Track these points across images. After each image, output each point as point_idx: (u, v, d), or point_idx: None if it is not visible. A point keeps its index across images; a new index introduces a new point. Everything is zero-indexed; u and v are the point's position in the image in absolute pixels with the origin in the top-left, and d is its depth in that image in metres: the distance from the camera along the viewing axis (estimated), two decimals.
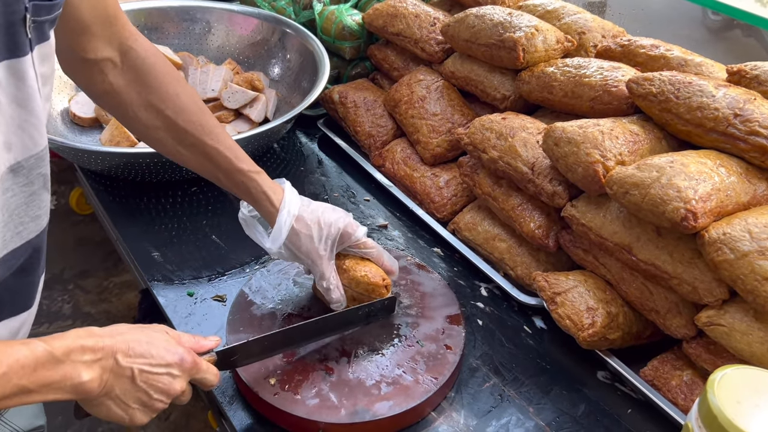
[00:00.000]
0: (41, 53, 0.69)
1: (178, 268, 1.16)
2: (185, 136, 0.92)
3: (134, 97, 0.91)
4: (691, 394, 0.91)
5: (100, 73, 0.89)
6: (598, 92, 1.10)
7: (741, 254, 0.82)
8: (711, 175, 0.88)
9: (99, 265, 2.50)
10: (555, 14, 1.33)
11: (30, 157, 0.70)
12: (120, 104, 0.92)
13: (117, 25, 0.88)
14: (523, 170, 1.09)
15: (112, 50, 0.89)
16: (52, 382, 0.65)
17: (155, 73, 0.91)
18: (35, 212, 0.74)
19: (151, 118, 0.92)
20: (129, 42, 0.90)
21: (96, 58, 0.88)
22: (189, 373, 0.77)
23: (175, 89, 0.92)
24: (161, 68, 0.92)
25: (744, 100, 0.93)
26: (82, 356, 0.67)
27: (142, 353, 0.72)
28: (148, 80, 0.91)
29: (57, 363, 0.66)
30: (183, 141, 0.93)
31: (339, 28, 1.58)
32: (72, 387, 0.67)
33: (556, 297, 1.01)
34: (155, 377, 0.73)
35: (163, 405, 0.75)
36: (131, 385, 0.72)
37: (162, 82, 0.92)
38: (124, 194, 1.34)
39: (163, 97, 0.91)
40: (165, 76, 0.92)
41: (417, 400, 0.90)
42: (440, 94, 1.37)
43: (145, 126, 0.93)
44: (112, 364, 0.70)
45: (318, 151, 1.52)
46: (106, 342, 0.70)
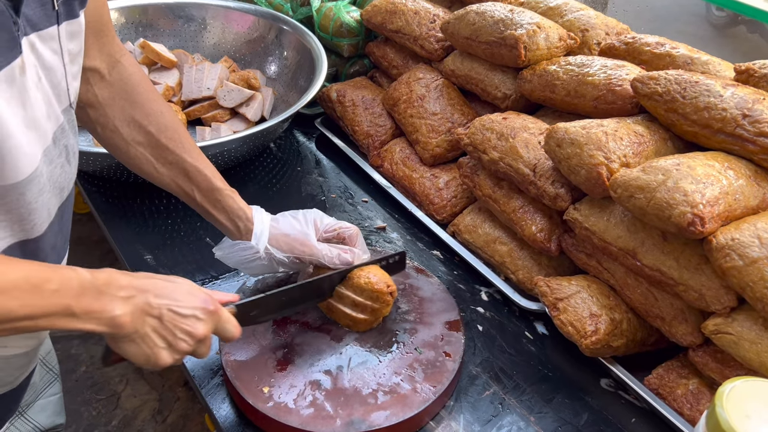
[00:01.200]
0: (69, 30, 0.73)
1: (171, 272, 1.14)
2: (166, 153, 0.93)
3: (117, 112, 0.92)
4: (697, 404, 0.88)
5: (86, 83, 0.89)
6: (602, 91, 1.07)
7: (750, 261, 0.79)
8: (719, 178, 0.85)
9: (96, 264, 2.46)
10: (557, 11, 1.30)
11: (57, 128, 0.74)
12: (101, 117, 0.92)
13: (108, 35, 0.90)
14: (525, 172, 1.07)
15: (101, 61, 0.90)
16: (93, 311, 0.68)
17: (140, 89, 0.93)
18: (62, 183, 0.78)
19: (132, 134, 0.93)
20: (117, 56, 0.92)
21: (85, 66, 0.87)
22: (212, 319, 0.80)
23: (159, 107, 0.94)
24: (146, 86, 0.94)
25: (753, 100, 0.90)
26: (119, 291, 0.71)
27: (170, 295, 0.76)
28: (133, 96, 0.92)
29: (99, 293, 0.69)
30: (163, 158, 0.94)
31: (337, 25, 1.55)
32: (108, 319, 0.70)
33: (559, 303, 0.98)
34: (181, 319, 0.76)
35: (186, 346, 0.77)
36: (159, 324, 0.75)
37: (147, 99, 0.93)
38: (116, 195, 1.31)
39: (147, 113, 0.93)
40: (149, 93, 0.94)
41: (415, 409, 0.88)
42: (440, 93, 1.35)
43: (125, 142, 0.93)
44: (143, 303, 0.73)
45: (315, 151, 1.50)
46: (139, 282, 0.74)
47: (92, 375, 2.07)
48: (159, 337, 0.75)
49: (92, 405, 1.98)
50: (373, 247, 1.17)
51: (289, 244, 0.97)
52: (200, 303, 0.78)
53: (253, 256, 0.96)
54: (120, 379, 2.06)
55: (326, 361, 0.94)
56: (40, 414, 1.04)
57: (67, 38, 0.73)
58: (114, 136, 0.93)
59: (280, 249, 0.97)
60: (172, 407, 1.99)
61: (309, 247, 0.96)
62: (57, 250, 0.82)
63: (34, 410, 1.03)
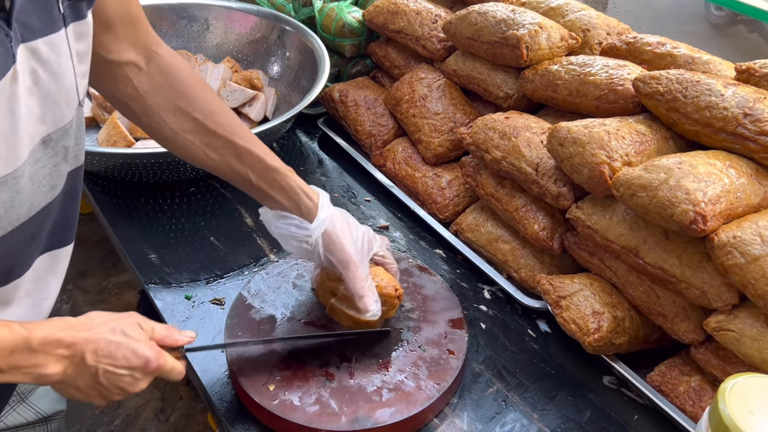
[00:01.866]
0: (76, 31, 0.73)
1: (175, 271, 1.14)
2: (215, 138, 0.91)
3: (161, 102, 0.90)
4: (700, 401, 0.89)
5: (125, 78, 0.89)
6: (604, 91, 1.08)
7: (752, 258, 0.80)
8: (720, 177, 0.86)
9: (98, 264, 2.49)
10: (559, 11, 1.31)
11: (58, 130, 0.74)
12: (146, 110, 0.91)
13: (140, 28, 0.88)
14: (527, 171, 1.07)
15: (136, 53, 0.89)
16: (21, 367, 0.69)
17: (182, 77, 0.91)
18: (54, 181, 0.78)
19: (179, 123, 0.91)
20: (153, 47, 0.90)
21: (120, 60, 0.87)
22: (151, 375, 0.79)
23: (203, 92, 0.92)
24: (187, 72, 0.92)
25: (754, 99, 0.90)
26: (56, 350, 0.71)
27: (109, 354, 0.74)
28: (175, 84, 0.91)
29: (31, 352, 0.69)
30: (213, 143, 0.91)
31: (339, 26, 1.55)
32: (37, 375, 0.70)
33: (561, 301, 0.99)
34: (118, 378, 0.75)
35: (119, 398, 0.78)
36: (93, 380, 0.74)
37: (189, 86, 0.91)
38: (121, 195, 1.32)
39: (192, 100, 0.90)
40: (191, 79, 0.92)
41: (419, 406, 0.88)
42: (442, 93, 1.35)
43: (173, 131, 0.91)
44: (79, 360, 0.73)
45: (318, 151, 1.50)
46: (80, 337, 0.73)
47: None
48: (92, 389, 0.75)
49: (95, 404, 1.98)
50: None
51: (339, 248, 0.92)
52: (140, 363, 0.76)
53: (302, 237, 0.91)
54: None
55: (331, 358, 0.94)
56: (42, 400, 1.05)
57: (75, 39, 0.73)
58: (161, 127, 0.92)
59: (328, 246, 0.92)
60: (175, 406, 2.00)
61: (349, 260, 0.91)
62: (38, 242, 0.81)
63: (35, 396, 1.05)
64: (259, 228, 1.25)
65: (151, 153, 1.19)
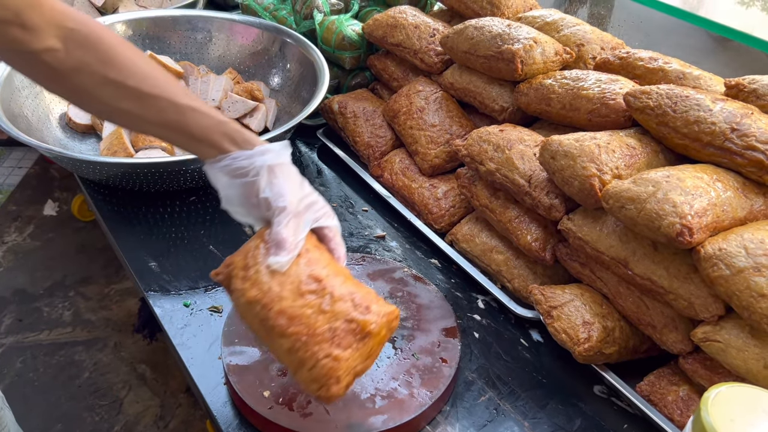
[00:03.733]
0: None
1: (174, 279, 1.16)
2: (153, 100, 0.83)
3: (88, 76, 0.82)
4: (688, 410, 0.91)
5: (44, 65, 0.80)
6: (596, 105, 1.10)
7: (737, 270, 0.82)
8: (707, 190, 0.88)
9: (100, 271, 2.51)
10: (554, 26, 1.33)
11: None
12: (75, 89, 0.83)
13: (44, 7, 0.79)
14: (520, 183, 1.09)
15: (49, 36, 0.79)
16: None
17: (103, 46, 0.82)
18: None
19: (113, 94, 0.83)
20: (65, 23, 0.80)
21: (37, 48, 0.79)
22: None
23: (131, 58, 0.83)
24: (109, 38, 0.83)
25: (741, 115, 0.92)
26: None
27: None
28: (98, 54, 0.81)
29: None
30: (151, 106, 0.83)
31: (339, 38, 1.58)
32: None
33: (553, 311, 1.00)
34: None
35: None
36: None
37: (115, 54, 0.82)
38: (122, 203, 1.34)
39: (121, 68, 0.82)
40: (116, 46, 0.83)
41: (412, 413, 0.90)
42: (439, 105, 1.38)
43: (107, 105, 0.84)
44: None
45: (317, 161, 1.53)
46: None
47: (95, 381, 2.09)
48: None
49: (95, 411, 2.00)
50: (372, 255, 1.20)
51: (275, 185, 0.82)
52: None
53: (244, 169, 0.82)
54: (123, 385, 2.08)
55: None
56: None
57: None
58: (96, 104, 0.85)
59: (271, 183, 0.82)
60: (174, 413, 2.01)
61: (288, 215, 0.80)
62: None
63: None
64: None
65: (153, 163, 1.21)
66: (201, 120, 0.83)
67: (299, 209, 0.82)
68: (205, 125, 0.83)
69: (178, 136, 0.85)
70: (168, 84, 0.84)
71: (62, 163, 1.30)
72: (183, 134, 0.84)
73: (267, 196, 0.81)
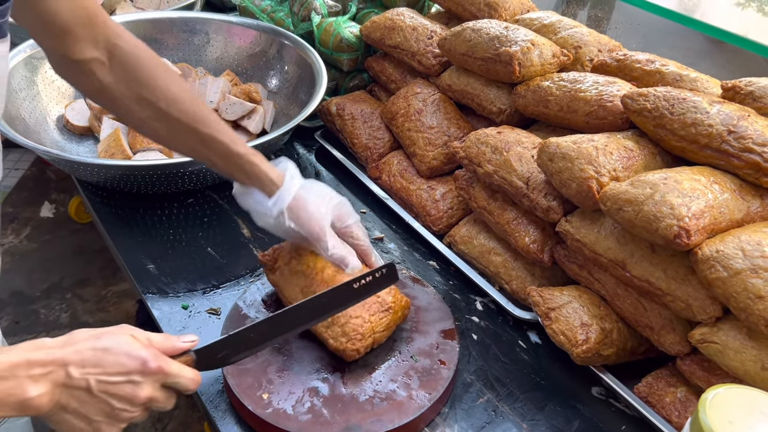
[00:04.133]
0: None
1: (173, 281, 1.16)
2: (179, 125, 0.94)
3: (125, 92, 0.92)
4: (685, 412, 0.91)
5: (90, 73, 0.90)
6: (594, 107, 1.10)
7: (734, 272, 0.82)
8: (704, 192, 0.88)
9: (97, 273, 2.50)
10: (551, 28, 1.33)
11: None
12: (113, 100, 0.94)
13: (98, 24, 0.89)
14: (518, 185, 1.09)
15: (98, 50, 0.90)
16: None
17: (143, 67, 0.92)
18: None
19: (143, 111, 0.93)
20: (113, 39, 0.90)
21: (84, 59, 0.89)
22: (155, 378, 0.73)
23: (164, 81, 0.93)
24: (149, 61, 0.93)
25: (738, 117, 0.93)
26: (29, 371, 0.65)
27: (97, 362, 0.69)
28: (136, 75, 0.92)
29: (2, 379, 0.64)
30: (177, 130, 0.94)
31: (337, 40, 1.58)
32: (18, 403, 0.65)
33: (551, 312, 1.01)
34: (114, 386, 0.70)
35: (130, 414, 0.72)
36: (89, 396, 0.69)
37: (151, 75, 0.92)
38: (120, 205, 1.34)
39: (154, 89, 0.92)
40: (154, 68, 0.93)
41: (410, 416, 0.90)
42: (437, 107, 1.38)
43: (140, 119, 0.94)
44: (63, 378, 0.67)
45: (315, 163, 1.53)
46: (56, 354, 0.67)
47: None
48: (94, 411, 0.69)
49: None
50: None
51: (306, 220, 0.96)
52: (137, 365, 0.71)
53: (266, 211, 0.97)
54: None
55: (324, 368, 0.96)
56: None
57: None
58: (129, 116, 0.95)
59: (296, 219, 0.96)
60: (172, 415, 2.01)
61: (320, 230, 0.96)
62: None
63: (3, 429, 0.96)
64: (256, 239, 1.27)
65: (150, 165, 1.21)
66: (219, 148, 0.94)
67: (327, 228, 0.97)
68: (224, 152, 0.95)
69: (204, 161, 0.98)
70: (196, 112, 0.94)
71: (60, 165, 1.30)
72: (207, 161, 0.97)
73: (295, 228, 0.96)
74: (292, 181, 0.97)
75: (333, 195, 1.01)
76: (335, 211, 1.00)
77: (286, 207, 0.96)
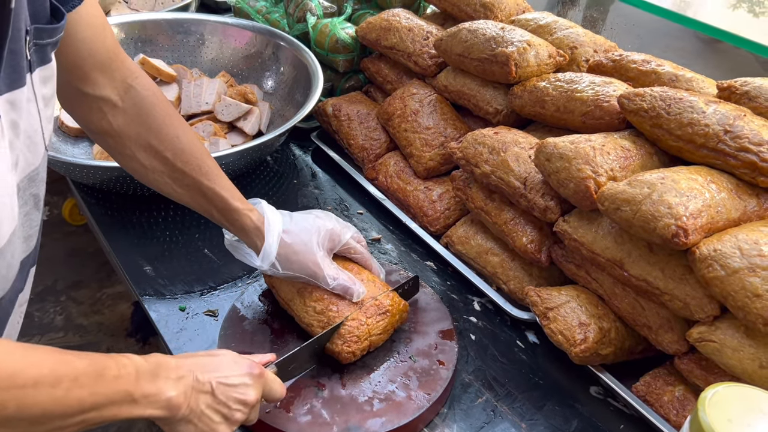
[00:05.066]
0: (42, 76, 0.71)
1: (170, 283, 1.16)
2: (183, 176, 0.94)
3: (133, 138, 0.92)
4: (683, 410, 0.91)
5: (99, 111, 0.89)
6: (590, 107, 1.10)
7: (731, 271, 0.82)
8: (702, 192, 0.88)
9: (92, 276, 2.49)
10: (547, 29, 1.34)
11: (24, 178, 0.71)
12: (118, 144, 0.93)
13: (117, 61, 0.88)
14: (516, 185, 1.10)
15: (112, 88, 0.89)
16: (150, 394, 0.68)
17: (155, 114, 0.92)
18: (27, 232, 0.75)
19: (149, 159, 0.93)
20: (129, 80, 0.90)
21: (95, 95, 0.87)
22: (259, 382, 0.80)
23: (175, 131, 0.93)
24: (162, 109, 0.92)
25: (734, 116, 0.93)
26: (170, 373, 0.71)
27: (216, 368, 0.77)
28: (148, 121, 0.91)
29: (154, 375, 0.69)
30: (180, 181, 0.94)
31: (332, 41, 1.58)
32: (165, 402, 0.69)
33: (549, 312, 1.01)
34: (232, 389, 0.77)
35: (241, 415, 0.78)
36: (212, 398, 0.75)
37: (162, 124, 0.92)
38: (116, 207, 1.33)
39: (163, 139, 0.92)
40: (165, 117, 0.93)
41: (409, 416, 0.90)
42: (433, 108, 1.38)
43: (144, 167, 0.94)
44: (193, 381, 0.73)
45: (311, 164, 1.53)
46: (185, 362, 0.74)
47: None
48: (214, 413, 0.75)
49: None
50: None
51: (298, 263, 0.97)
52: (246, 369, 0.79)
53: (258, 266, 0.98)
54: None
55: (323, 368, 0.96)
56: None
57: (41, 83, 0.71)
58: (132, 162, 0.94)
59: (287, 265, 0.97)
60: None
61: (316, 267, 0.96)
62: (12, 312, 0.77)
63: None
64: None
65: None
66: (219, 203, 0.95)
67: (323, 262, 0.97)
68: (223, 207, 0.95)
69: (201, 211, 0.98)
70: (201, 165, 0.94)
71: (55, 167, 1.29)
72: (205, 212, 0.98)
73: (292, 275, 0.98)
74: (272, 233, 0.96)
75: (320, 224, 0.99)
76: (326, 240, 0.99)
77: (274, 259, 0.96)
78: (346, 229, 1.03)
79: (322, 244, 0.98)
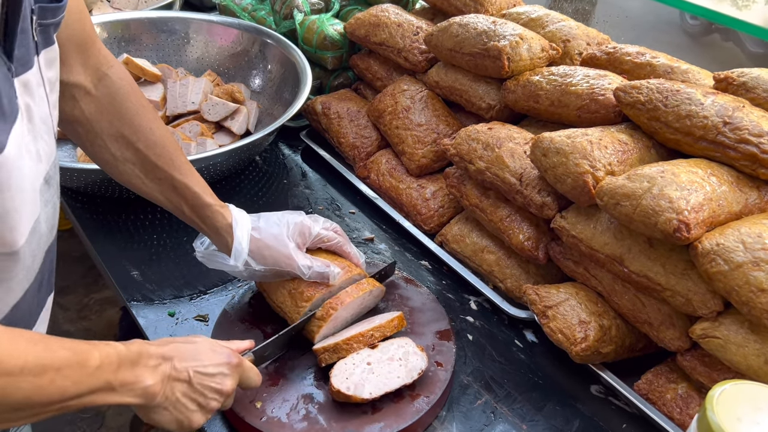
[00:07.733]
0: (47, 58, 0.71)
1: (158, 287, 1.13)
2: (155, 169, 0.92)
3: (105, 127, 0.90)
4: (687, 408, 0.89)
5: (71, 99, 0.87)
6: (585, 101, 1.08)
7: (735, 265, 0.81)
8: (702, 185, 0.87)
9: (78, 281, 2.45)
10: (539, 22, 1.32)
11: (51, 166, 0.72)
12: (88, 133, 0.90)
13: (92, 48, 0.87)
14: (511, 181, 1.07)
15: (85, 75, 0.87)
16: (128, 383, 0.68)
17: (129, 104, 0.90)
18: (52, 221, 0.77)
19: (120, 150, 0.91)
20: (104, 68, 0.88)
21: (68, 81, 0.85)
22: (237, 371, 0.81)
23: (149, 123, 0.91)
24: (135, 99, 0.91)
25: (733, 108, 0.91)
26: (149, 360, 0.71)
27: (194, 357, 0.77)
28: (121, 111, 0.89)
29: (133, 364, 0.69)
30: (151, 174, 0.92)
31: (321, 38, 1.55)
32: (142, 390, 0.70)
33: (548, 310, 0.99)
34: (209, 378, 0.77)
35: (216, 404, 0.79)
36: (189, 387, 0.75)
37: (135, 114, 0.90)
38: (101, 211, 1.30)
39: (136, 130, 0.90)
40: (139, 108, 0.91)
41: (408, 420, 0.88)
42: (425, 104, 1.35)
43: (114, 157, 0.91)
44: (170, 370, 0.74)
45: (301, 163, 1.50)
46: (163, 350, 0.74)
47: None
48: (190, 401, 0.76)
49: (77, 424, 1.95)
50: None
51: (271, 257, 0.96)
52: (224, 359, 0.79)
53: (233, 267, 0.96)
54: None
55: (318, 373, 0.93)
56: None
57: (46, 67, 0.70)
58: (102, 152, 0.91)
59: (262, 260, 0.96)
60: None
61: (289, 259, 0.95)
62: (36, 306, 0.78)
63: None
64: None
65: None
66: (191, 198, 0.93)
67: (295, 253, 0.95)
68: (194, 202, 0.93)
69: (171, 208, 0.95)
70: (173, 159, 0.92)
71: None
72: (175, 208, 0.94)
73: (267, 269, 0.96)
74: (241, 232, 0.95)
75: (288, 219, 0.99)
76: (296, 233, 0.98)
77: (247, 256, 0.95)
78: (315, 222, 1.01)
79: (292, 237, 0.97)
